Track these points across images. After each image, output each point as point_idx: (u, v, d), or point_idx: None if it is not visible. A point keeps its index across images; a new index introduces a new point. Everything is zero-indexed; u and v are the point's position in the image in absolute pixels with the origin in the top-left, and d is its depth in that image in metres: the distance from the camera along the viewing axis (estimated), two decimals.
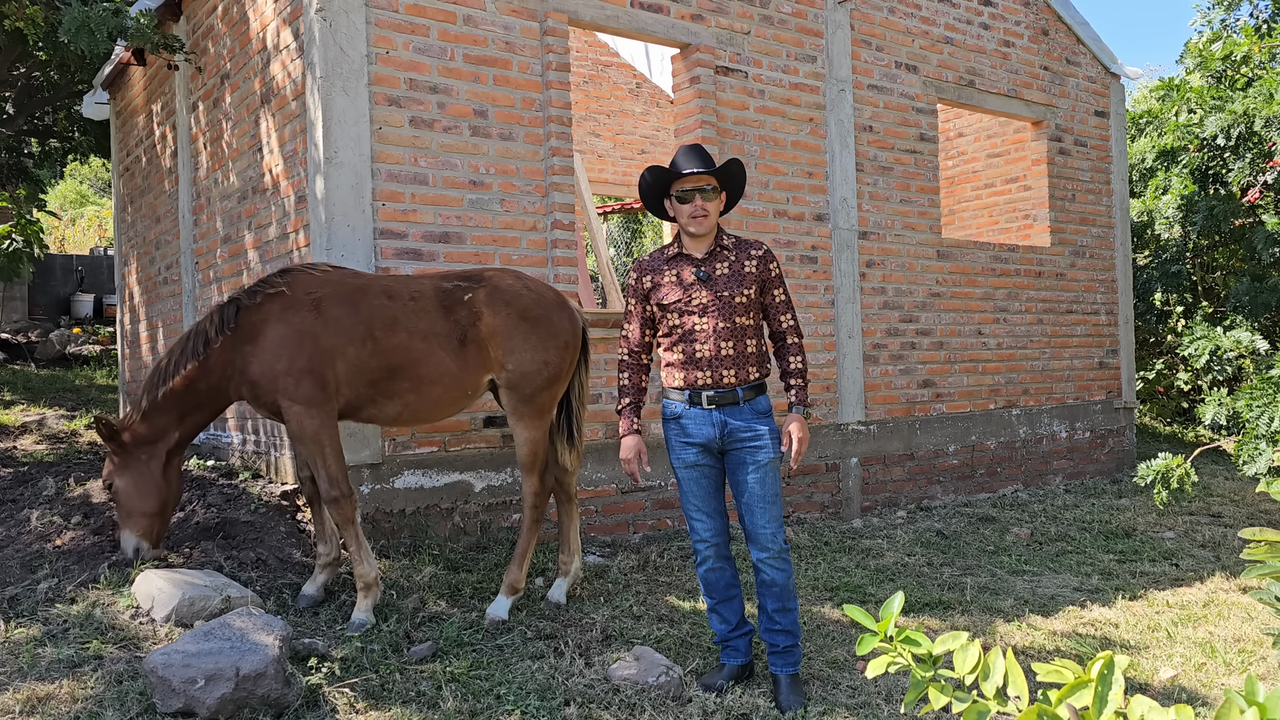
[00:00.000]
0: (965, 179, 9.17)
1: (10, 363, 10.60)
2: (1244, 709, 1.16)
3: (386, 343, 3.99)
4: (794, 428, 3.38)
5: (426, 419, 4.26)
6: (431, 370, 4.04)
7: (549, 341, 4.16)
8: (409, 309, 4.06)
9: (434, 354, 4.04)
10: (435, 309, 4.08)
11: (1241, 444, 4.38)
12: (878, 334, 6.93)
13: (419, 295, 4.11)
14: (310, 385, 3.89)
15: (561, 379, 4.24)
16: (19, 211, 9.41)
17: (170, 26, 6.62)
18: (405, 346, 4.01)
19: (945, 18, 7.45)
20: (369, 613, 3.87)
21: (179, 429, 4.13)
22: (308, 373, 3.88)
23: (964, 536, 6.03)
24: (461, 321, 4.07)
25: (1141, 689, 3.58)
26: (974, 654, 1.40)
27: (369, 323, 3.98)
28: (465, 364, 4.09)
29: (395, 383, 4.03)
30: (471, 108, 5.18)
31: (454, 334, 4.07)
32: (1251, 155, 8.22)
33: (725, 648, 3.57)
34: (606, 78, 10.41)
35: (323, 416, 3.92)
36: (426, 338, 4.04)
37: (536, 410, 4.16)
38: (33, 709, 3.00)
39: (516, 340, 4.10)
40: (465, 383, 4.12)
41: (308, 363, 3.88)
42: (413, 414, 4.15)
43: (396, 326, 4.01)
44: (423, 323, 4.05)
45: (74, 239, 18.71)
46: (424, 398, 4.08)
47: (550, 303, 4.26)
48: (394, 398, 4.05)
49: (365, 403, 4.05)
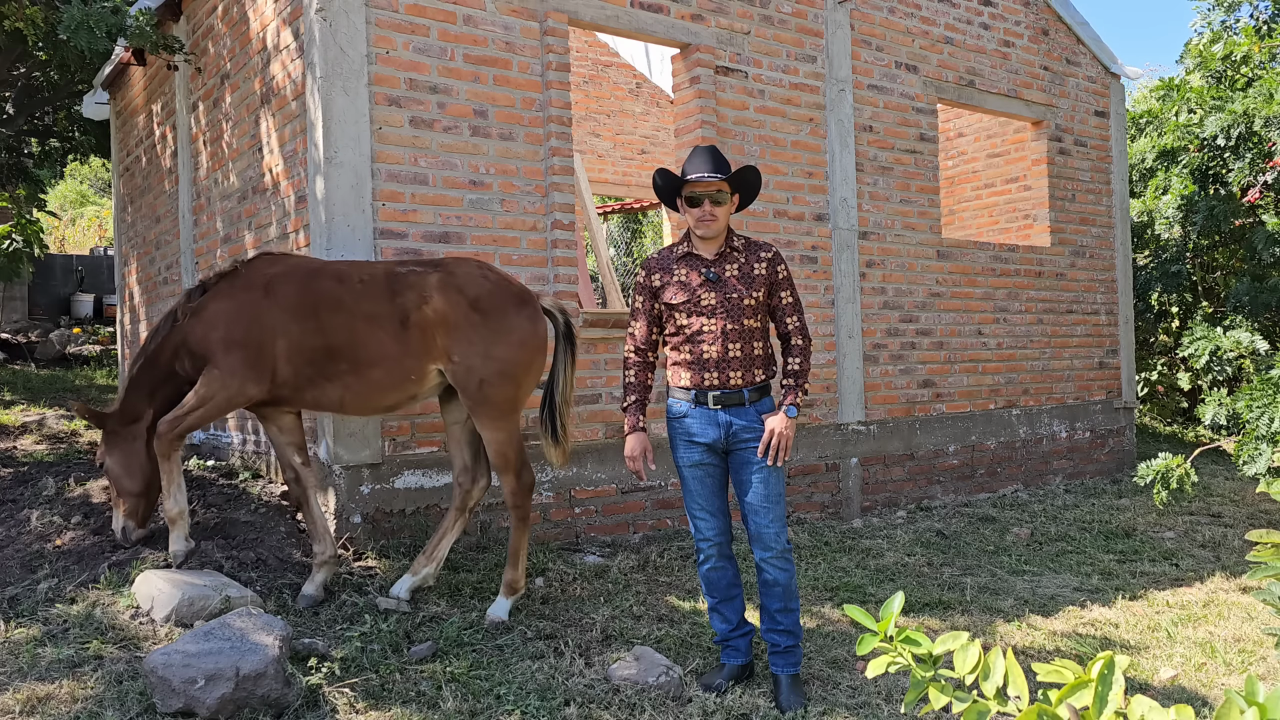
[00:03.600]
0: (965, 179, 9.17)
1: (10, 363, 10.60)
2: (1244, 709, 1.16)
3: (329, 323, 4.02)
4: (773, 421, 3.35)
5: (371, 405, 4.17)
6: (371, 352, 4.01)
7: (502, 337, 4.01)
8: (356, 291, 4.06)
9: (374, 336, 4.00)
10: (382, 291, 4.04)
11: (1241, 444, 4.38)
12: (878, 334, 6.93)
13: (369, 278, 4.09)
14: (240, 358, 4.01)
15: (520, 378, 4.07)
16: (19, 211, 9.41)
17: (170, 26, 6.62)
18: (346, 327, 4.02)
19: (945, 18, 7.45)
20: (180, 542, 4.11)
21: (151, 405, 4.34)
22: (240, 345, 4.01)
23: (964, 536, 6.03)
24: (406, 304, 3.99)
25: (1141, 689, 3.58)
26: (974, 654, 1.40)
27: (314, 304, 4.04)
28: (406, 347, 4.00)
29: (335, 364, 4.04)
30: (471, 108, 5.18)
31: (396, 316, 3.99)
32: (1251, 155, 8.22)
33: (725, 647, 3.57)
34: (606, 78, 10.41)
35: (234, 388, 4.02)
36: (369, 319, 4.01)
37: (495, 410, 4.01)
38: (33, 709, 3.00)
39: (465, 331, 3.98)
40: (407, 366, 4.03)
41: (243, 336, 4.02)
42: (355, 397, 4.10)
43: (340, 308, 4.03)
44: (366, 305, 4.03)
45: (74, 239, 18.71)
46: (364, 380, 4.05)
47: (508, 297, 4.09)
48: (334, 379, 4.06)
49: (306, 383, 4.07)
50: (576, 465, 5.48)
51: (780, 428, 3.33)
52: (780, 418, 3.35)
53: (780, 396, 3.44)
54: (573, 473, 5.47)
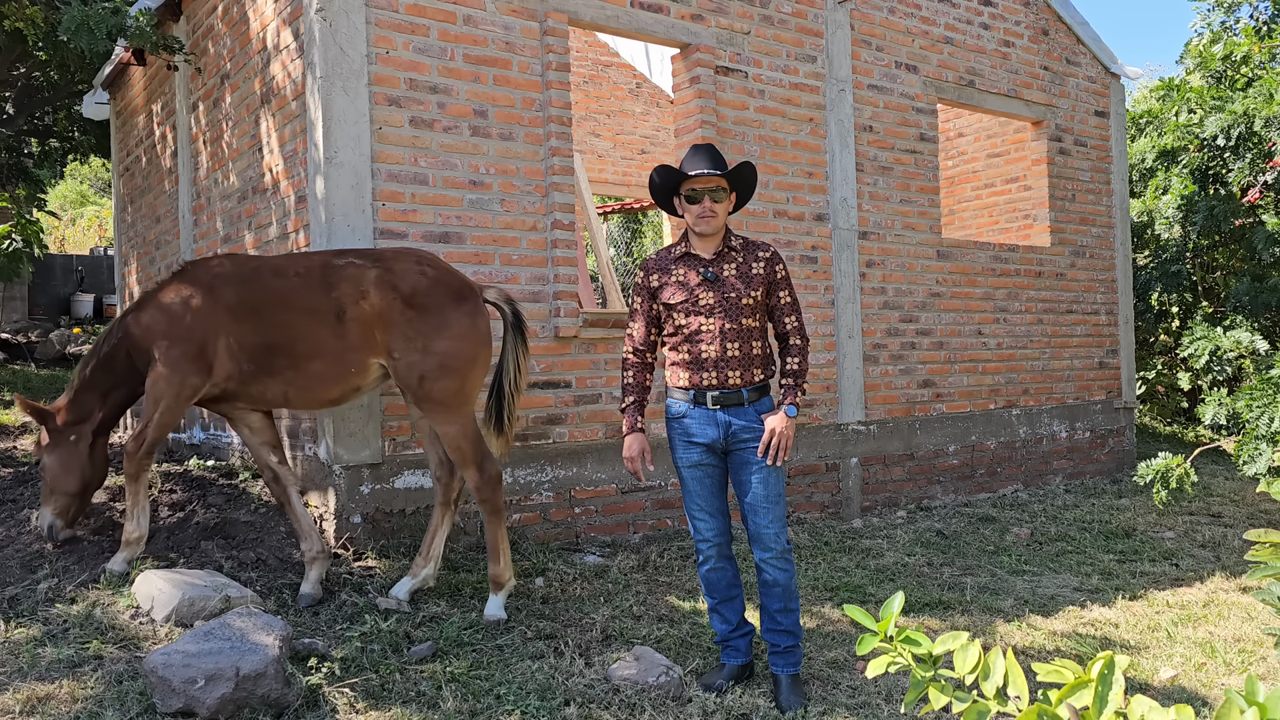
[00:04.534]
0: (965, 179, 9.17)
1: (10, 363, 10.60)
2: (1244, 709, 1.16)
3: (267, 319, 4.05)
4: (772, 420, 3.35)
5: (315, 398, 4.16)
6: (309, 346, 4.02)
7: (440, 332, 3.95)
8: (293, 285, 4.07)
9: (311, 329, 4.01)
10: (318, 285, 4.03)
11: (1241, 444, 4.38)
12: (878, 334, 6.93)
13: (305, 272, 4.09)
14: (182, 353, 4.07)
15: (463, 372, 4.00)
16: (19, 211, 9.41)
17: (170, 26, 6.62)
18: (284, 322, 4.04)
19: (945, 18, 7.45)
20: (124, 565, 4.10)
21: (102, 408, 4.40)
22: (182, 341, 4.08)
23: (964, 536, 6.03)
24: (342, 298, 3.98)
25: (1141, 689, 3.58)
26: (974, 654, 1.40)
27: (253, 301, 4.07)
28: (344, 340, 3.99)
29: (275, 359, 4.06)
30: (471, 108, 5.18)
31: (332, 309, 3.98)
32: (1251, 155, 8.22)
33: (725, 648, 3.57)
34: (606, 78, 10.41)
35: (180, 386, 4.08)
36: (306, 313, 4.02)
37: (440, 405, 3.97)
38: (33, 709, 3.00)
39: (402, 327, 3.94)
40: (347, 359, 4.03)
41: (184, 333, 4.08)
42: (299, 392, 4.12)
43: (277, 303, 4.06)
44: (303, 299, 4.03)
45: (74, 239, 18.71)
46: (304, 374, 4.06)
47: (446, 292, 4.03)
48: (276, 374, 4.09)
49: (250, 379, 4.11)
50: (576, 465, 5.48)
51: (780, 427, 3.33)
52: (780, 417, 3.35)
53: (779, 396, 3.44)
54: (573, 473, 5.47)
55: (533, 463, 5.33)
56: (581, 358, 5.53)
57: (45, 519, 4.37)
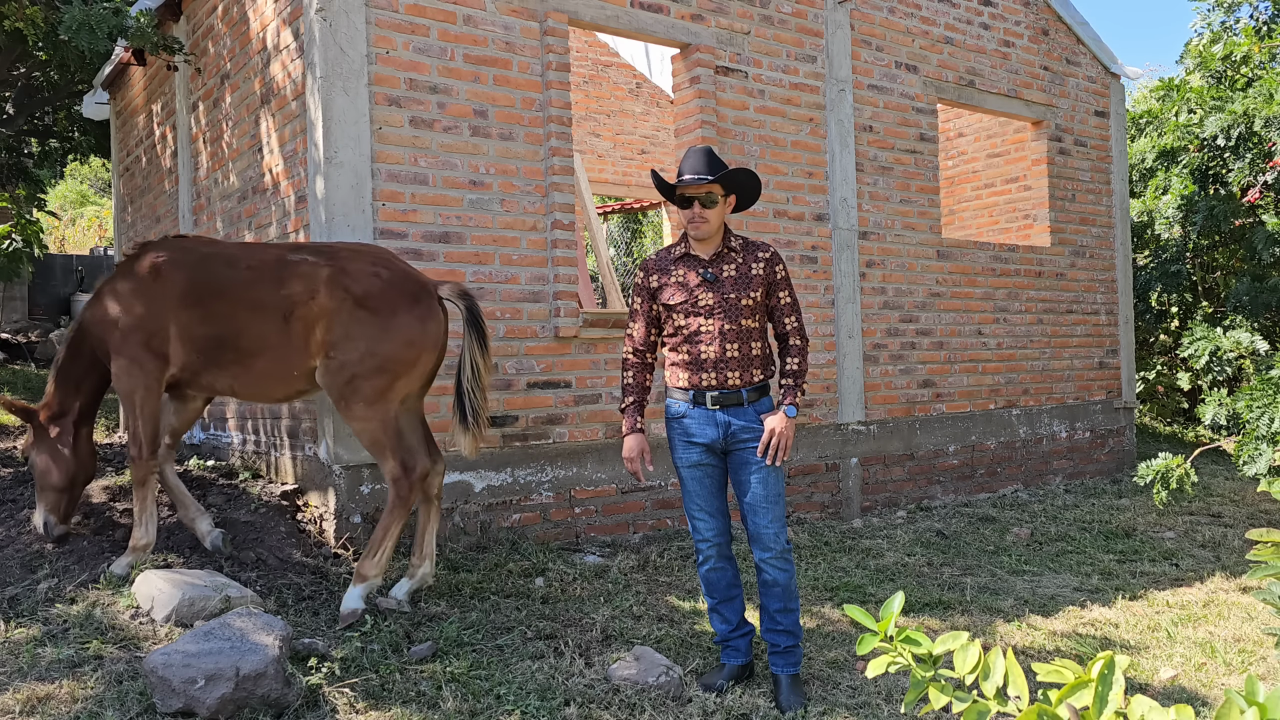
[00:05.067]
0: (965, 179, 9.17)
1: (10, 363, 10.60)
2: (1244, 709, 1.16)
3: (214, 310, 3.99)
4: (772, 420, 3.34)
5: (261, 395, 4.13)
6: (253, 343, 3.94)
7: (389, 335, 3.84)
8: (243, 278, 3.98)
9: (256, 327, 3.92)
10: (270, 280, 3.93)
11: (1241, 444, 4.38)
12: (878, 334, 6.93)
13: (257, 265, 4.01)
14: (134, 344, 4.04)
15: (399, 373, 3.89)
16: (19, 211, 9.40)
17: (170, 26, 6.62)
18: (229, 316, 3.96)
19: (945, 18, 7.45)
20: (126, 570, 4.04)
21: (78, 398, 4.39)
22: (134, 331, 4.05)
23: (964, 536, 6.03)
24: (293, 297, 3.87)
25: (1141, 689, 3.58)
26: (974, 654, 1.40)
27: (200, 290, 4.01)
28: (290, 341, 3.89)
29: (222, 353, 4.01)
30: (471, 108, 5.18)
31: (281, 308, 3.88)
32: (1251, 155, 8.22)
33: (725, 648, 3.57)
34: (606, 78, 10.41)
35: (142, 376, 4.05)
36: (253, 309, 3.93)
37: (363, 401, 3.84)
38: (33, 709, 2.99)
39: (348, 327, 3.83)
40: (292, 362, 3.93)
41: (135, 322, 4.05)
42: (244, 388, 4.09)
43: (224, 295, 3.98)
44: (252, 293, 3.94)
45: (74, 239, 18.70)
46: (249, 371, 4.01)
47: (399, 295, 3.90)
48: (223, 368, 4.05)
49: (199, 369, 4.09)
50: (576, 465, 5.48)
51: (779, 427, 3.33)
52: (779, 417, 3.35)
53: (779, 396, 3.44)
54: (573, 473, 5.47)
55: (533, 463, 5.33)
56: (581, 358, 5.53)
57: (39, 516, 4.36)
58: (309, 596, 4.10)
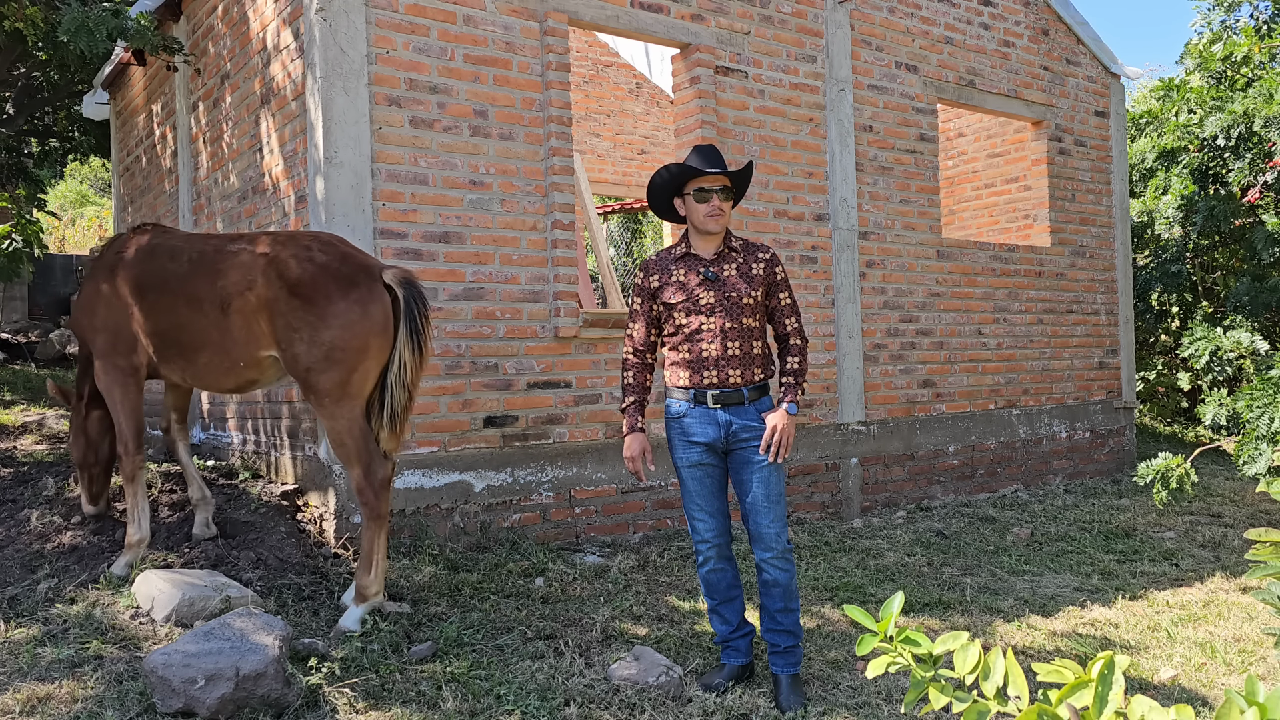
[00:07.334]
0: (965, 179, 9.17)
1: (10, 363, 10.60)
2: (1244, 709, 1.16)
3: (157, 304, 4.00)
4: (774, 418, 3.35)
5: (213, 386, 4.10)
6: (194, 337, 3.91)
7: (326, 322, 3.67)
8: (183, 271, 3.94)
9: (195, 320, 3.88)
10: (208, 272, 3.86)
11: (1241, 444, 4.37)
12: (878, 334, 6.93)
13: (199, 256, 3.96)
14: (105, 341, 4.13)
15: (351, 364, 3.71)
16: (19, 211, 9.40)
17: (170, 27, 6.62)
18: (170, 309, 3.95)
19: (945, 18, 7.45)
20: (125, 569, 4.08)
21: (86, 381, 4.53)
22: (103, 329, 4.14)
23: (964, 536, 6.03)
24: (228, 288, 3.78)
25: (1141, 689, 3.58)
26: (974, 654, 1.40)
27: (146, 284, 4.05)
28: (228, 333, 3.82)
29: (168, 347, 4.02)
30: (471, 108, 5.18)
31: (217, 300, 3.80)
32: (1251, 155, 8.22)
33: (726, 648, 3.57)
34: (606, 78, 10.41)
35: (116, 372, 4.13)
36: (191, 302, 3.89)
37: (324, 397, 3.73)
38: (33, 709, 3.00)
39: (286, 317, 3.70)
40: (234, 354, 3.85)
41: (102, 320, 4.14)
42: (196, 378, 4.12)
43: (166, 289, 3.98)
44: (190, 286, 3.90)
45: (74, 239, 18.69)
46: (194, 364, 4.01)
47: (333, 280, 3.71)
48: (172, 361, 4.07)
49: (160, 361, 4.14)
50: (576, 465, 5.48)
51: (781, 424, 3.33)
52: (781, 414, 3.35)
53: (780, 395, 3.44)
54: (573, 473, 5.47)
55: (533, 463, 5.33)
56: (581, 358, 5.53)
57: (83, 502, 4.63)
58: (309, 596, 4.10)
